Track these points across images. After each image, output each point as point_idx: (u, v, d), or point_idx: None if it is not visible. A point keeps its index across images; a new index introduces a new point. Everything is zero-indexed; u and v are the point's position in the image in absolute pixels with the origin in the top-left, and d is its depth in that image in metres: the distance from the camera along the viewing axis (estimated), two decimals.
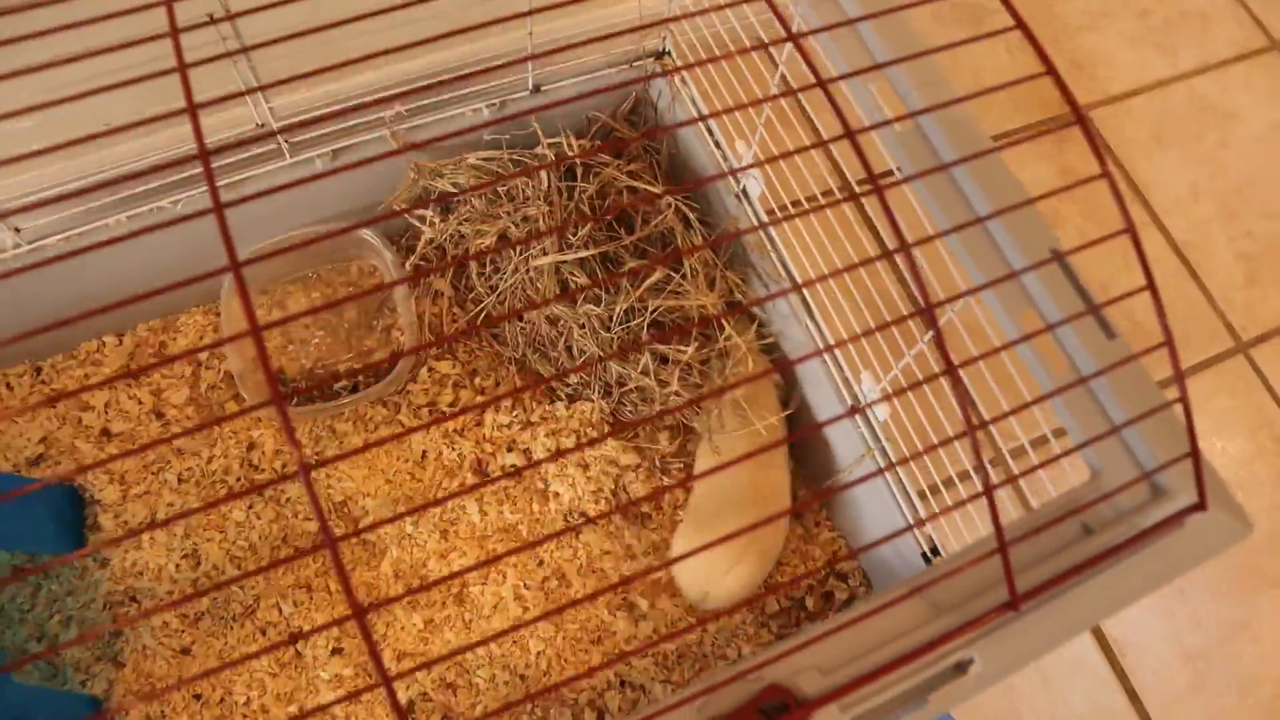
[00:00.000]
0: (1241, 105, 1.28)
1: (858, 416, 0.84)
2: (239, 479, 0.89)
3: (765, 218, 0.89)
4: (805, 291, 0.86)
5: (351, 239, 0.96)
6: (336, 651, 0.84)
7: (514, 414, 0.93)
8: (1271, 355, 1.12)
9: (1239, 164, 1.24)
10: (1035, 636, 0.43)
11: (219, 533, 0.87)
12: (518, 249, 0.88)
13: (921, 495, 0.82)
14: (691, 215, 0.92)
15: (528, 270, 0.87)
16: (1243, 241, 1.19)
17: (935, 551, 0.80)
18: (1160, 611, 0.98)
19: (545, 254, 0.86)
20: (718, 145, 0.94)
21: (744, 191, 0.91)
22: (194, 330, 0.96)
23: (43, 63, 0.74)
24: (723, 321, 0.89)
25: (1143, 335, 1.11)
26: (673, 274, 0.89)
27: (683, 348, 0.87)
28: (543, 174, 0.86)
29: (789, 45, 0.72)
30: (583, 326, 0.86)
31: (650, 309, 0.86)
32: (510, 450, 0.92)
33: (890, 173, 0.63)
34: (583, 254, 0.85)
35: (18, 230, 0.82)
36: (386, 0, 0.84)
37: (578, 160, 0.88)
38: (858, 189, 0.81)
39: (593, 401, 0.93)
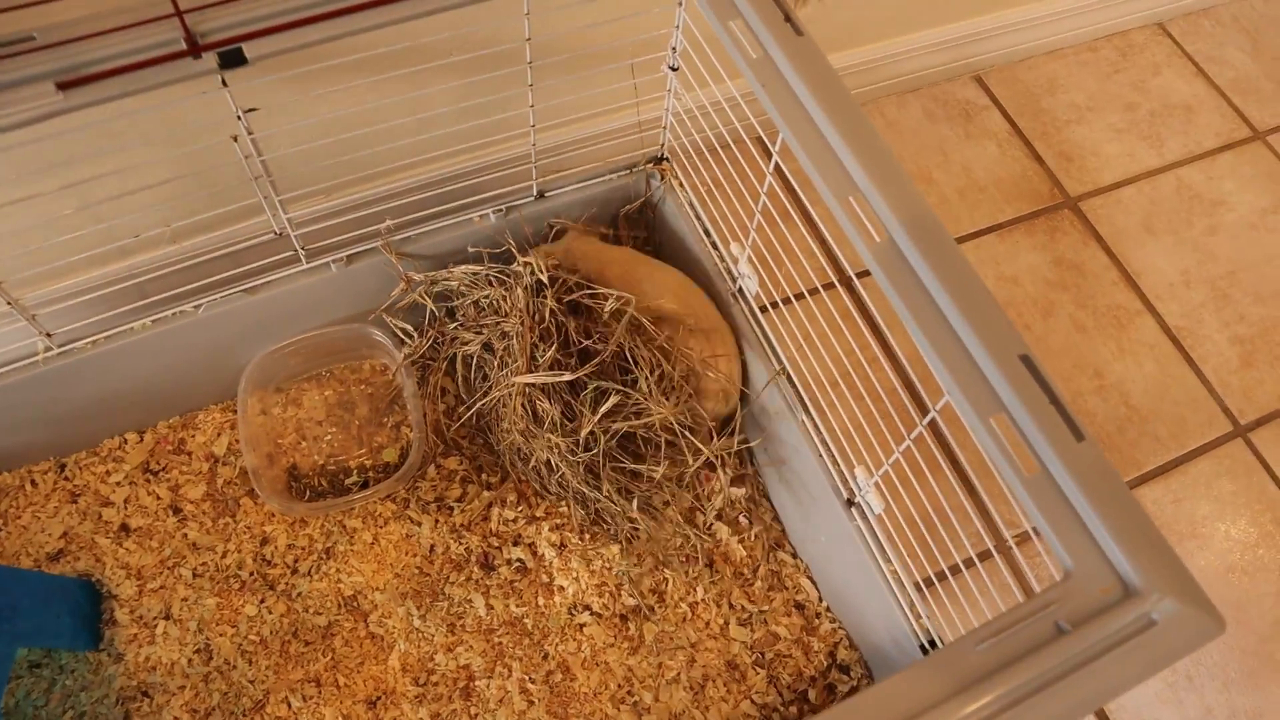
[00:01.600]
0: (1228, 193, 1.32)
1: (853, 509, 0.85)
2: (252, 574, 0.92)
3: (759, 314, 0.93)
4: (799, 386, 0.89)
5: (364, 339, 1.00)
6: None
7: (519, 509, 0.96)
8: (1271, 438, 1.13)
9: (1228, 250, 1.27)
10: None
11: (231, 627, 0.89)
12: (498, 361, 0.91)
13: (917, 587, 0.83)
14: (646, 321, 0.92)
15: (506, 387, 0.90)
16: (1236, 326, 1.21)
17: (933, 643, 0.81)
18: (1169, 701, 0.97)
19: (515, 375, 0.88)
20: (714, 246, 0.98)
21: (740, 291, 0.95)
22: (211, 427, 1.00)
23: (77, 180, 0.80)
24: (686, 435, 0.91)
25: (1138, 418, 1.12)
26: (630, 392, 0.90)
27: (655, 466, 0.90)
28: (517, 290, 0.90)
29: (775, 157, 0.77)
30: (552, 450, 0.89)
31: (608, 433, 0.88)
32: (516, 544, 0.94)
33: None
34: (545, 378, 0.86)
35: (49, 335, 0.86)
36: (400, 113, 0.90)
37: (545, 274, 0.91)
38: (855, 279, 0.84)
39: (576, 514, 0.95)
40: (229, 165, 0.79)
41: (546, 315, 0.88)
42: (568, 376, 0.86)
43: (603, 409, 0.86)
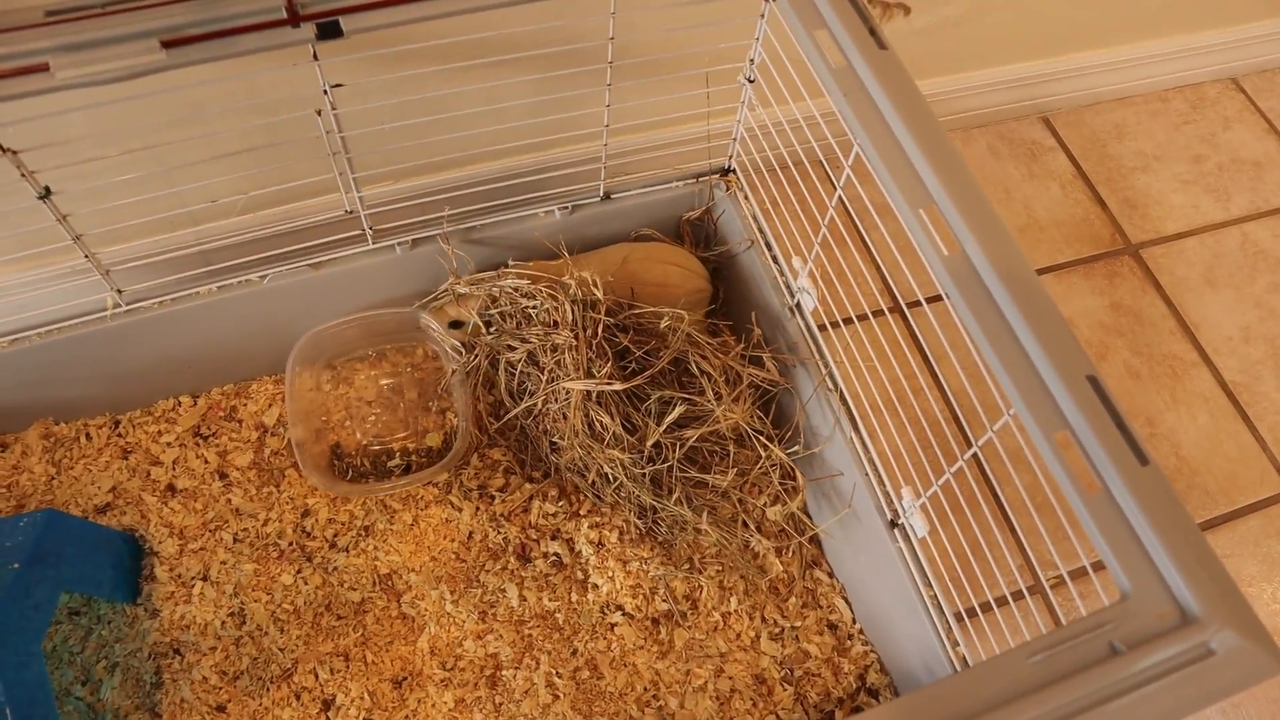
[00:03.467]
0: None
1: (896, 530, 0.85)
2: (291, 544, 0.92)
3: (815, 329, 0.93)
4: (851, 406, 0.89)
5: (416, 323, 1.01)
6: None
7: (560, 504, 0.96)
8: None
9: None
10: None
11: (266, 594, 0.90)
12: (546, 376, 0.91)
13: (958, 617, 0.82)
14: (698, 335, 0.94)
15: (556, 401, 0.90)
16: None
17: None
18: None
19: (571, 384, 0.88)
20: (775, 260, 0.98)
21: (798, 305, 0.95)
22: (264, 397, 1.02)
23: (157, 143, 0.82)
24: (756, 432, 0.91)
25: (1188, 470, 1.10)
26: (695, 400, 0.90)
27: (721, 475, 0.90)
28: (566, 305, 0.90)
29: (846, 170, 0.77)
30: (613, 464, 0.89)
31: (679, 445, 0.88)
32: (554, 539, 0.94)
33: (939, 297, 0.66)
34: (605, 386, 0.86)
35: (120, 292, 0.88)
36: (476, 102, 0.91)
37: (599, 290, 0.91)
38: (907, 309, 0.84)
39: (628, 520, 0.95)
40: (309, 140, 0.81)
41: (599, 331, 0.89)
42: (620, 385, 0.86)
43: (669, 418, 0.87)
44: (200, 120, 0.87)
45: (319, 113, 0.77)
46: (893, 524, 0.85)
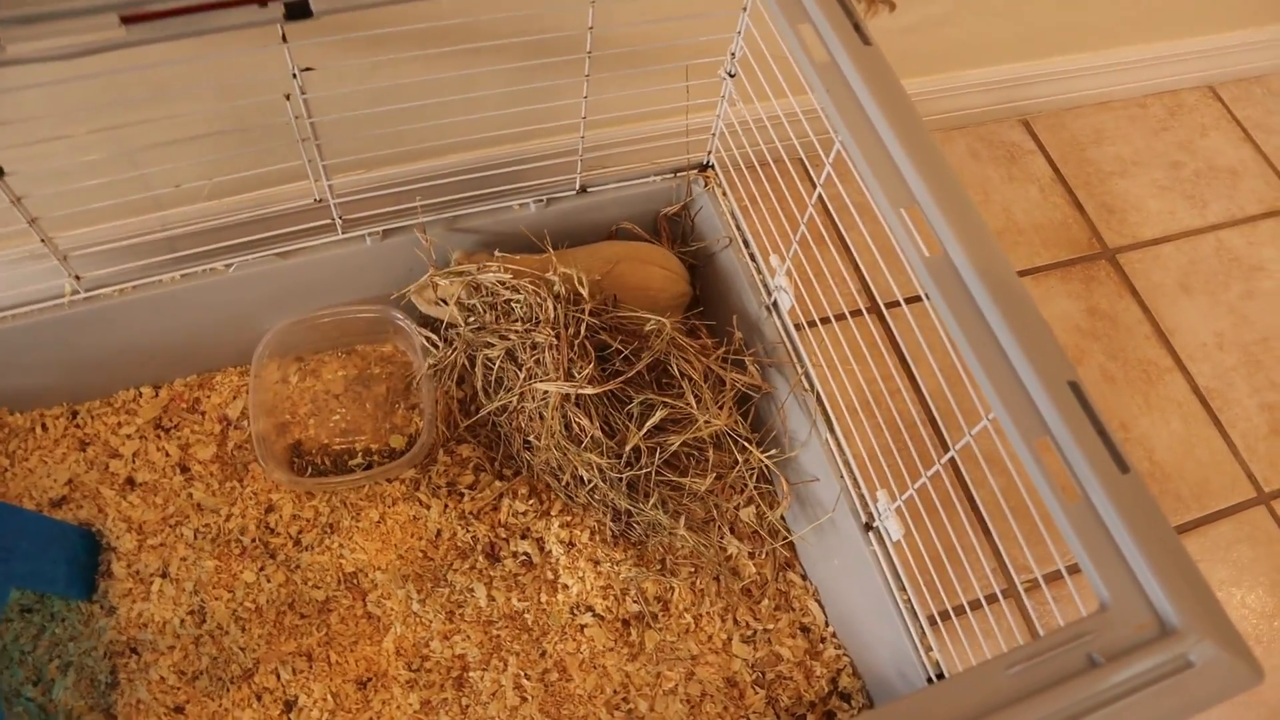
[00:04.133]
0: (1268, 259, 1.31)
1: (870, 533, 0.84)
2: (254, 540, 0.90)
3: (792, 329, 0.92)
4: (828, 407, 0.88)
5: (388, 320, 0.99)
6: None
7: (530, 502, 0.94)
8: None
9: (1264, 316, 1.25)
10: None
11: (227, 592, 0.87)
12: (525, 373, 0.88)
13: (931, 620, 0.81)
14: (681, 339, 0.92)
15: (533, 399, 0.88)
16: (1267, 393, 1.19)
17: (941, 677, 0.79)
18: None
19: (549, 386, 0.86)
20: (752, 258, 0.97)
21: (774, 304, 0.93)
22: (228, 389, 0.99)
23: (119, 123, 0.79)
24: (737, 437, 0.90)
25: (1160, 475, 1.10)
26: (676, 404, 0.89)
27: (699, 478, 0.88)
28: (549, 302, 0.88)
29: (827, 168, 0.76)
30: (589, 468, 0.87)
31: (658, 451, 0.87)
32: (524, 538, 0.93)
33: (918, 298, 0.65)
34: (581, 390, 0.84)
35: (78, 278, 0.85)
36: (453, 91, 0.89)
37: (585, 287, 0.89)
38: (885, 310, 0.83)
39: (600, 521, 0.93)
40: (277, 125, 0.79)
41: (582, 331, 0.87)
42: (595, 389, 0.84)
43: (649, 423, 0.85)
44: (164, 101, 0.84)
45: (288, 97, 0.75)
46: (867, 527, 0.84)
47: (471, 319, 0.92)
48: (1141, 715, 0.46)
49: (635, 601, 0.91)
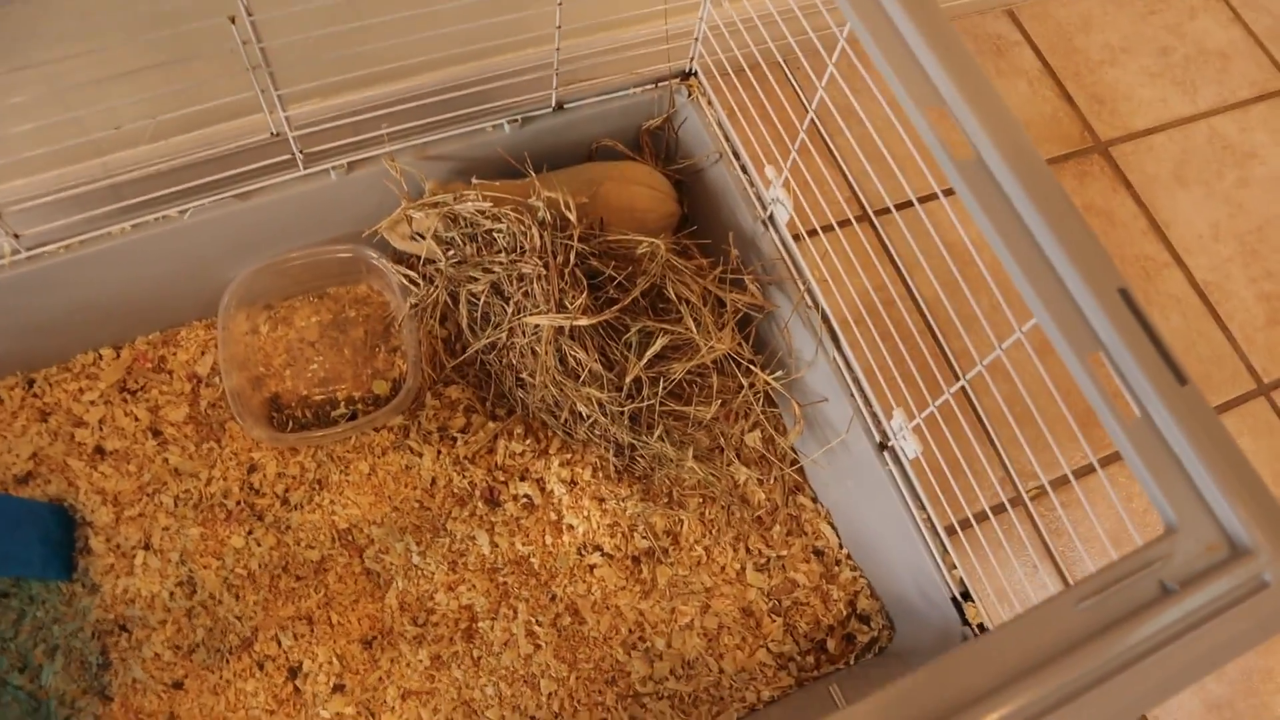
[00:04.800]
0: (1260, 145, 1.27)
1: (886, 454, 0.81)
2: (239, 503, 0.85)
3: (792, 243, 0.87)
4: (834, 323, 0.83)
5: (362, 260, 0.93)
6: (338, 688, 0.80)
7: (527, 442, 0.90)
8: None
9: (1259, 204, 1.23)
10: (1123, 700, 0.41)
11: (216, 559, 0.83)
12: (513, 306, 0.83)
13: (950, 530, 0.79)
14: (677, 261, 0.87)
15: (523, 335, 0.83)
16: (1264, 282, 1.17)
17: (966, 595, 0.77)
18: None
19: (540, 319, 0.81)
20: (744, 169, 0.91)
21: (771, 218, 0.88)
22: (195, 345, 0.93)
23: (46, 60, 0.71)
24: (741, 360, 0.86)
25: None
26: (676, 330, 0.84)
27: (703, 406, 0.84)
28: (534, 230, 0.82)
29: (830, 68, 0.70)
30: (590, 403, 0.82)
31: (660, 381, 0.82)
32: (523, 479, 0.89)
33: (910, 204, 0.61)
34: (573, 321, 0.79)
35: (16, 236, 0.78)
36: (415, 7, 0.81)
37: (572, 212, 0.83)
38: (875, 218, 0.78)
39: (602, 457, 0.89)
40: (223, 53, 0.71)
41: (571, 259, 0.81)
42: (588, 320, 0.79)
43: (650, 352, 0.80)
44: (94, 33, 0.75)
45: (233, 20, 0.67)
46: (882, 446, 0.81)
47: (451, 253, 0.86)
48: (1221, 641, 0.43)
49: (644, 537, 0.88)
